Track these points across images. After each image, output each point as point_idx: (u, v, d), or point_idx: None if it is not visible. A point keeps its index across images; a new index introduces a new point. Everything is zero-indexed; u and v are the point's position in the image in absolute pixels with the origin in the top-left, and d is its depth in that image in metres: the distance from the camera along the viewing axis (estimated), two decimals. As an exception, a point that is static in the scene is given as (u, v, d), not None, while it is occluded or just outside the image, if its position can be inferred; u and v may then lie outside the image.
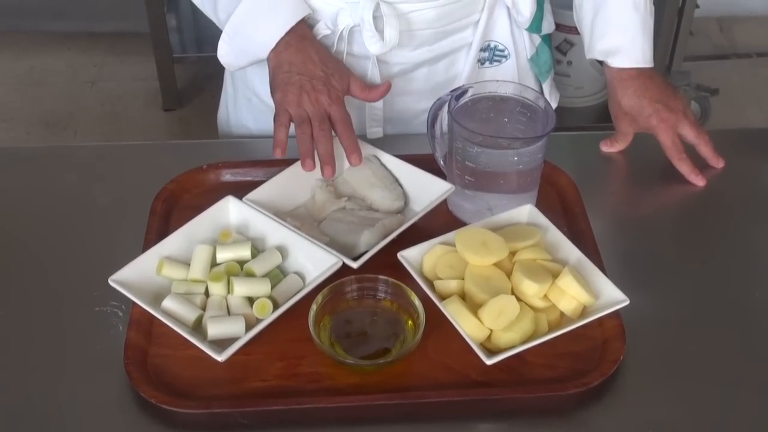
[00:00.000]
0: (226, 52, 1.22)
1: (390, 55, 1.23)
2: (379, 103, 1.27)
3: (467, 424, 0.93)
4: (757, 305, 1.05)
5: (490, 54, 1.30)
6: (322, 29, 1.22)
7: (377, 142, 1.24)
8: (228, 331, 0.96)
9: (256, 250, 1.06)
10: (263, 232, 1.07)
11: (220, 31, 1.21)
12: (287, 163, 1.14)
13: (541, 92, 1.37)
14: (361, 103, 1.27)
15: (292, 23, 1.16)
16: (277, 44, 1.16)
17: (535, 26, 1.31)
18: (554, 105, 1.38)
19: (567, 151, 1.28)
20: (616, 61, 1.25)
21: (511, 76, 1.31)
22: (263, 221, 1.07)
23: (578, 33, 1.31)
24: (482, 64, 1.31)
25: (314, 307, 0.96)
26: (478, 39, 1.27)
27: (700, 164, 1.23)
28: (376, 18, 1.18)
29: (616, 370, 0.95)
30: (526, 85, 1.26)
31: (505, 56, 1.31)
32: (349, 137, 1.11)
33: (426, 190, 1.11)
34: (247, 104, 1.39)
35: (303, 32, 1.18)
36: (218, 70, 1.34)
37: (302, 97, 1.12)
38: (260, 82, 1.35)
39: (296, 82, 1.13)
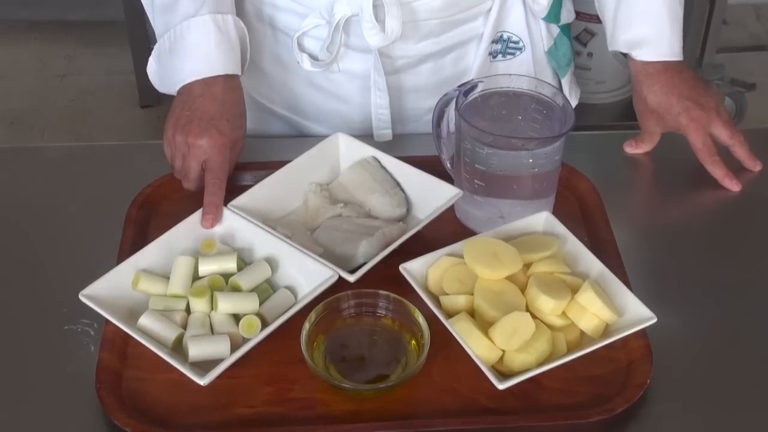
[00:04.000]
0: (152, 73, 1.24)
1: (392, 48, 1.24)
2: (385, 102, 1.27)
3: (477, 456, 0.93)
4: (799, 324, 1.05)
5: (503, 46, 1.31)
6: (315, 20, 1.23)
7: (380, 144, 1.24)
8: (211, 351, 0.96)
9: (243, 262, 1.06)
10: (250, 242, 1.07)
11: None
12: (277, 165, 1.15)
13: (560, 88, 1.37)
14: (366, 102, 1.28)
15: (205, 75, 1.15)
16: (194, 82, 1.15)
17: (553, 15, 1.31)
18: (574, 102, 1.38)
19: (587, 153, 1.28)
20: (642, 54, 1.25)
21: (526, 71, 1.31)
22: (250, 230, 1.07)
23: (600, 21, 1.31)
24: (494, 57, 1.31)
25: (307, 325, 0.96)
26: (490, 30, 1.27)
27: (735, 167, 1.23)
28: (377, 7, 1.18)
29: (643, 396, 0.95)
30: (543, 80, 1.26)
31: (519, 48, 1.31)
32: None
33: (431, 195, 1.11)
34: None
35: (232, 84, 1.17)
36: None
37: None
38: (250, 77, 1.35)
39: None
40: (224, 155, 1.12)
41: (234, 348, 0.96)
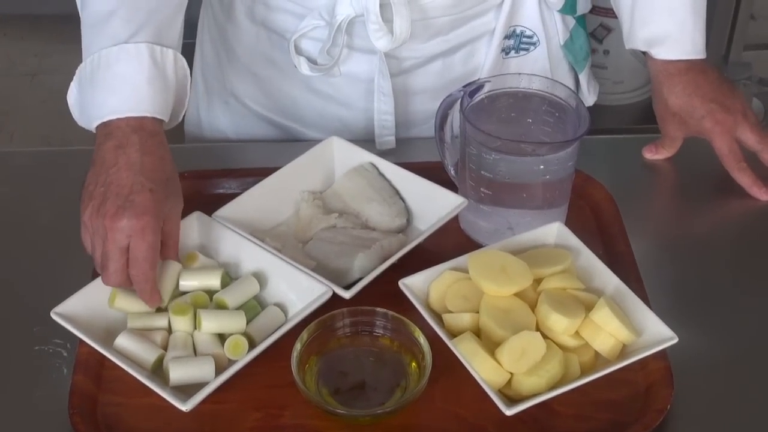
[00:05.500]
0: (72, 101, 1.12)
1: (399, 48, 1.23)
2: (389, 108, 1.27)
3: (483, 488, 0.93)
4: (833, 344, 1.05)
5: (516, 41, 1.31)
6: (314, 21, 1.23)
7: (384, 151, 1.24)
8: (194, 374, 0.96)
9: (229, 278, 1.06)
10: (237, 255, 1.08)
11: (185, 16, 1.20)
12: (266, 172, 1.15)
13: (578, 84, 1.37)
14: (369, 107, 1.28)
15: (128, 114, 1.03)
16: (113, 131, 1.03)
17: (568, 6, 1.31)
18: (593, 99, 1.39)
19: (603, 159, 1.28)
20: (662, 52, 1.25)
21: (542, 67, 1.32)
22: (237, 242, 1.08)
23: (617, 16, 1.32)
24: (507, 53, 1.31)
25: (298, 345, 0.97)
26: (502, 24, 1.28)
27: (763, 174, 1.23)
28: (383, 6, 1.18)
29: (663, 423, 0.95)
30: (559, 76, 1.27)
31: (533, 43, 1.32)
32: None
33: (433, 204, 1.11)
34: (225, 108, 1.39)
35: (154, 129, 1.04)
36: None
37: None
38: (239, 81, 1.35)
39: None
40: (148, 239, 0.97)
41: (219, 371, 0.96)
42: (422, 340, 0.97)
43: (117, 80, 1.03)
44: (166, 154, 1.03)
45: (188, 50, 1.45)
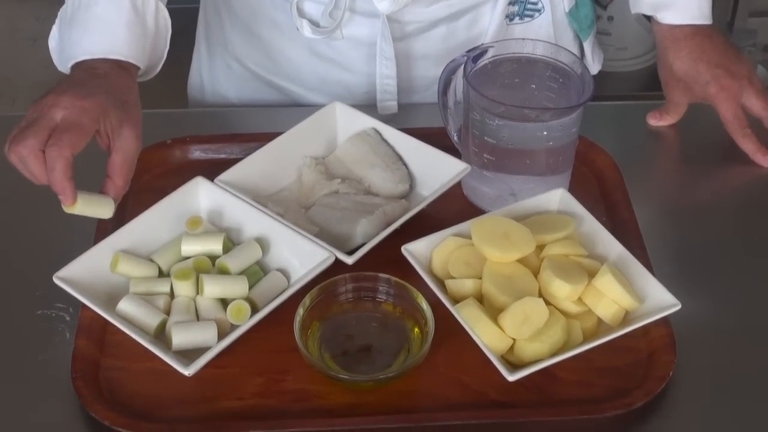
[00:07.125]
0: (53, 45, 1.14)
1: (402, 12, 1.23)
2: (392, 72, 1.27)
3: (484, 453, 0.93)
4: (835, 312, 1.05)
5: (521, 8, 1.30)
6: None
7: (382, 115, 1.24)
8: (197, 339, 0.97)
9: (231, 243, 1.06)
10: (239, 220, 1.08)
11: None
12: (269, 137, 1.15)
13: (582, 52, 1.37)
14: (372, 71, 1.28)
15: (102, 56, 1.05)
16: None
17: (574, -27, 1.31)
18: (597, 68, 1.39)
19: (607, 125, 1.28)
20: (668, 17, 1.25)
21: (546, 34, 1.31)
22: (239, 207, 1.08)
23: (622, -18, 1.31)
24: (511, 20, 1.31)
25: (301, 311, 0.97)
26: None
27: (768, 141, 1.23)
28: None
29: (664, 389, 0.95)
30: (564, 44, 1.26)
31: (538, 10, 1.31)
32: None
33: (436, 170, 1.11)
34: (227, 71, 1.39)
35: (126, 66, 1.07)
36: (187, 24, 1.34)
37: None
38: (241, 43, 1.35)
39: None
40: (82, 120, 0.96)
41: (221, 335, 0.96)
42: (425, 306, 0.97)
43: (95, 21, 1.06)
44: (133, 86, 1.05)
45: (192, 14, 1.46)
